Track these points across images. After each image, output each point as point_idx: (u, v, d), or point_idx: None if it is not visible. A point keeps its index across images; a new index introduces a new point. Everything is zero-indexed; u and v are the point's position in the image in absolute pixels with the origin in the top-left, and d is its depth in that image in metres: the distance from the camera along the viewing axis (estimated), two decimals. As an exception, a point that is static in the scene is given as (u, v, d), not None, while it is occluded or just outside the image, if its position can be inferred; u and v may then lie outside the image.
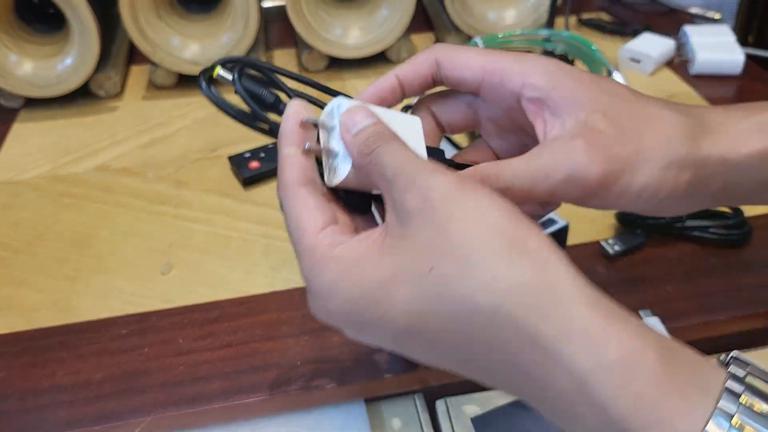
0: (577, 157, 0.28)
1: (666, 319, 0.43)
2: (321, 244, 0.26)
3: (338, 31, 0.71)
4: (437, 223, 0.24)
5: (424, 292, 0.24)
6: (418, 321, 0.24)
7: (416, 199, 0.24)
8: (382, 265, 0.25)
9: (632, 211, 0.31)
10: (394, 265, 0.24)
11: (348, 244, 0.26)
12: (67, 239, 0.52)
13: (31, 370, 0.42)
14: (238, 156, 0.59)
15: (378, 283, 0.24)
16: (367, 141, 0.27)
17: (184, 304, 0.46)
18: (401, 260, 0.24)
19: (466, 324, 0.23)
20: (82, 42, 0.65)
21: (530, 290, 0.22)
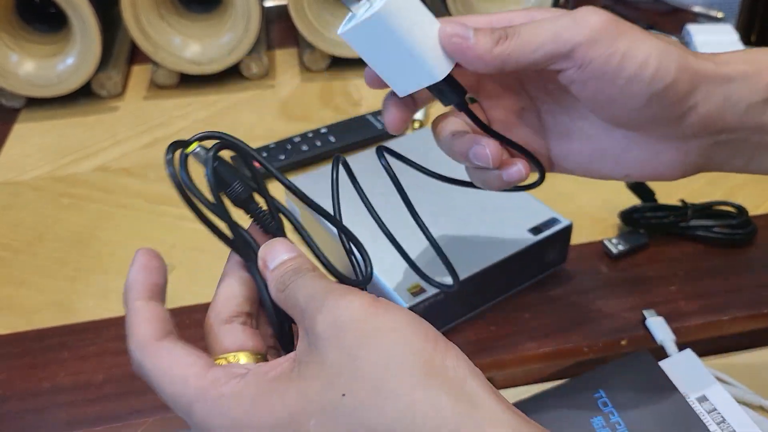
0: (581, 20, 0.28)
1: (670, 318, 0.43)
2: (211, 384, 0.23)
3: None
4: (348, 345, 0.22)
5: (335, 423, 0.21)
6: None
7: (326, 321, 0.23)
8: (289, 396, 0.22)
9: (631, 101, 0.29)
10: (304, 395, 0.22)
11: (247, 378, 0.23)
12: (68, 240, 0.52)
13: (32, 371, 0.42)
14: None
15: (287, 417, 0.22)
16: (282, 277, 0.26)
17: (186, 304, 0.46)
18: (311, 388, 0.22)
19: None
20: (84, 42, 0.65)
21: (450, 416, 0.21)
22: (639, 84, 0.28)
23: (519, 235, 0.43)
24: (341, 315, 0.23)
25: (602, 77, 0.28)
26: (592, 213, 0.52)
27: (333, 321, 0.23)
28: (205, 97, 0.69)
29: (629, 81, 0.28)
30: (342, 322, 0.22)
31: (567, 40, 0.28)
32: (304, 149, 0.59)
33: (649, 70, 0.28)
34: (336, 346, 0.22)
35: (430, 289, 0.40)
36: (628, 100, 0.29)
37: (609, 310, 0.44)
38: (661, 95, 0.29)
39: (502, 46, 0.28)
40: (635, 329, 0.43)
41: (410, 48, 0.28)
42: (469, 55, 0.29)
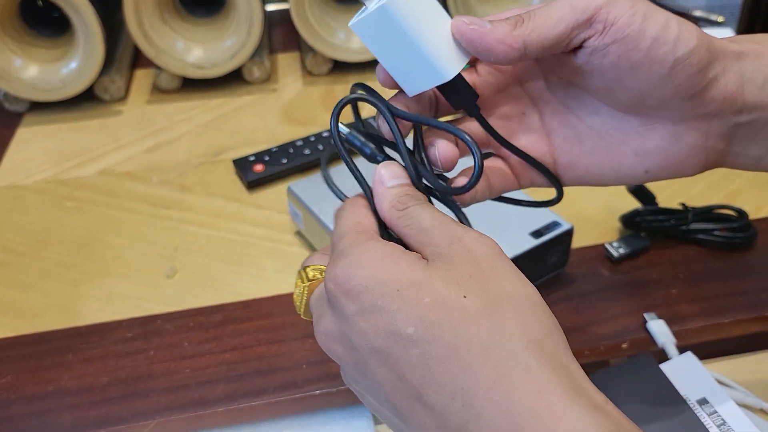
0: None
1: (671, 321, 0.43)
2: (372, 231, 0.27)
3: (342, 34, 0.71)
4: (481, 272, 0.24)
5: (447, 310, 0.23)
6: (421, 335, 0.23)
7: (461, 250, 0.25)
8: (419, 269, 0.24)
9: (656, 68, 0.28)
10: (430, 278, 0.24)
11: (394, 243, 0.26)
12: (72, 243, 0.53)
13: (37, 373, 0.42)
14: (242, 159, 0.59)
15: (409, 280, 0.24)
16: (401, 197, 0.27)
17: (189, 307, 0.46)
18: (439, 276, 0.24)
19: (462, 355, 0.23)
20: (87, 46, 0.65)
21: (545, 383, 0.22)
22: (664, 46, 0.28)
23: (520, 238, 0.44)
24: (478, 251, 0.25)
25: (626, 39, 0.28)
26: (593, 216, 0.52)
27: (470, 251, 0.25)
28: (207, 101, 0.70)
29: (654, 42, 0.27)
30: (479, 261, 0.25)
31: (586, 6, 0.28)
32: (306, 153, 0.59)
33: (672, 32, 0.28)
34: (469, 261, 0.24)
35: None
36: (652, 67, 0.28)
37: (610, 313, 0.44)
38: (685, 62, 0.28)
39: (521, 27, 0.28)
40: (636, 332, 0.43)
41: (419, 43, 0.27)
42: (489, 41, 0.28)
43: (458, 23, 0.28)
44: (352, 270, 0.25)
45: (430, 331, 0.23)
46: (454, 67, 0.28)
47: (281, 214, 0.54)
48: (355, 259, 0.25)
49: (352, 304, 0.25)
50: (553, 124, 0.33)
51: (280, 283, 0.48)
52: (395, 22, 0.27)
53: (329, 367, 0.42)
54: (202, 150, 0.63)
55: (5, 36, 0.66)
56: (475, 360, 0.22)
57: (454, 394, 0.22)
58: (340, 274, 0.25)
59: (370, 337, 0.24)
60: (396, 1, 0.27)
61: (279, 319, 0.45)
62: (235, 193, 0.57)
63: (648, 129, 0.31)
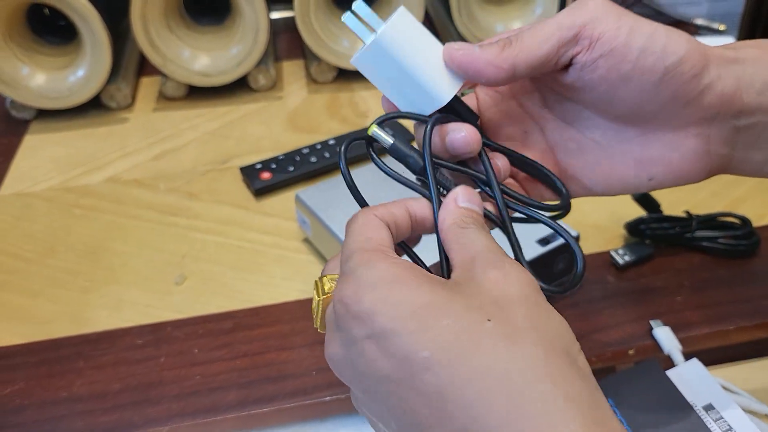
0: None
1: (676, 328, 0.44)
2: (384, 247, 0.26)
3: (346, 42, 0.72)
4: (508, 300, 0.24)
5: (467, 333, 0.23)
6: (437, 359, 0.22)
7: (497, 277, 0.24)
8: (438, 290, 0.24)
9: (646, 78, 0.28)
10: (450, 300, 0.23)
11: (408, 262, 0.26)
12: (80, 251, 0.53)
13: (48, 380, 0.43)
14: (249, 167, 0.59)
15: (427, 301, 0.23)
16: (467, 217, 0.28)
17: (198, 314, 0.47)
18: (462, 299, 0.24)
19: (480, 382, 0.22)
20: (94, 54, 0.66)
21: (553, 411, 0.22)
22: (652, 56, 0.28)
23: (527, 245, 0.44)
24: (514, 283, 0.24)
25: (613, 52, 0.28)
26: (599, 224, 0.53)
27: (504, 281, 0.24)
28: (213, 109, 0.70)
29: (642, 53, 0.28)
30: (512, 291, 0.24)
31: (572, 23, 0.28)
32: (312, 160, 0.60)
33: (659, 42, 0.28)
34: (499, 289, 0.24)
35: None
36: (643, 77, 0.29)
37: (616, 320, 0.45)
38: (676, 70, 0.28)
39: (509, 49, 0.29)
40: (642, 339, 0.44)
41: (413, 72, 0.29)
42: (479, 63, 0.28)
43: (449, 50, 0.29)
44: (361, 291, 0.24)
45: (446, 354, 0.22)
46: (449, 92, 0.30)
47: (289, 221, 0.55)
48: (364, 280, 0.24)
49: (361, 328, 0.24)
50: (556, 139, 0.33)
51: (288, 291, 0.48)
52: (389, 54, 0.29)
53: (339, 374, 0.42)
54: (209, 157, 0.63)
55: (12, 44, 0.67)
56: (492, 388, 0.22)
57: (465, 426, 0.22)
58: (349, 295, 0.24)
59: (379, 364, 0.23)
60: (388, 34, 0.28)
61: (288, 326, 0.46)
62: (242, 200, 0.57)
63: (648, 138, 0.31)
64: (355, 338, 0.24)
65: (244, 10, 0.67)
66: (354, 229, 0.28)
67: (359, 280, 0.25)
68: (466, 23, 0.73)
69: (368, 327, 0.24)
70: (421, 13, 0.69)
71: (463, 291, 0.24)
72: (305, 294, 0.48)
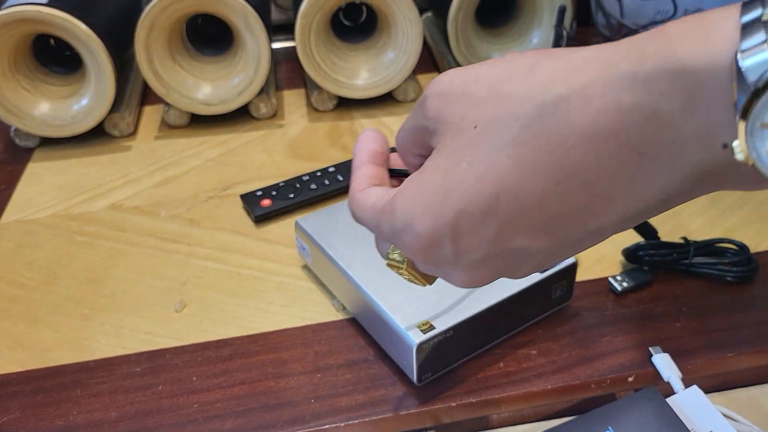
0: None
1: (675, 355, 0.44)
2: (375, 194, 0.28)
3: (347, 72, 0.73)
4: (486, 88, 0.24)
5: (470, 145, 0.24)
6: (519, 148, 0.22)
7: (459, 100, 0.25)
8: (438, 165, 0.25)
9: None
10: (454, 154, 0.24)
11: (405, 183, 0.27)
12: (81, 278, 0.53)
13: (45, 409, 0.43)
14: (250, 194, 0.60)
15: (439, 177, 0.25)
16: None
17: (198, 341, 0.47)
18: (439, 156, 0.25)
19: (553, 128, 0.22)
20: (99, 84, 0.67)
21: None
22: None
23: (525, 272, 0.44)
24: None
25: None
26: (596, 250, 0.53)
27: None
28: (215, 137, 0.71)
29: None
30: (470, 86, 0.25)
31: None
32: (312, 188, 0.60)
33: None
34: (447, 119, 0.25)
35: (440, 325, 0.41)
36: None
37: (615, 346, 0.45)
38: None
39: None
40: (642, 366, 0.43)
41: None
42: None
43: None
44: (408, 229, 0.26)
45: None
46: None
47: (289, 248, 0.55)
48: (402, 226, 0.26)
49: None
50: None
51: (287, 318, 0.48)
52: None
53: (337, 402, 0.42)
54: (210, 185, 0.64)
55: (18, 74, 0.68)
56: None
57: None
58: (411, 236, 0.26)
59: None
60: None
61: (287, 353, 0.46)
62: (242, 227, 0.58)
63: None
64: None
65: (246, 41, 0.68)
66: (363, 208, 0.29)
67: (399, 231, 0.26)
68: (464, 53, 0.75)
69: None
70: (419, 42, 0.70)
71: (437, 154, 0.25)
72: (304, 321, 0.48)
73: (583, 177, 0.22)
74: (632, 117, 0.21)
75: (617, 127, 0.21)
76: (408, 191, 0.26)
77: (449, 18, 0.72)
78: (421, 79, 0.80)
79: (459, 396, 0.42)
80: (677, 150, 0.21)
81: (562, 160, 0.22)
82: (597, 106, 0.21)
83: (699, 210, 0.57)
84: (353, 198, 0.30)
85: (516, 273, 0.26)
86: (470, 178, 0.23)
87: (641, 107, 0.21)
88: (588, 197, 0.23)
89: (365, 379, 0.43)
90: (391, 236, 0.27)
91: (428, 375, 0.42)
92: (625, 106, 0.21)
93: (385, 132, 0.70)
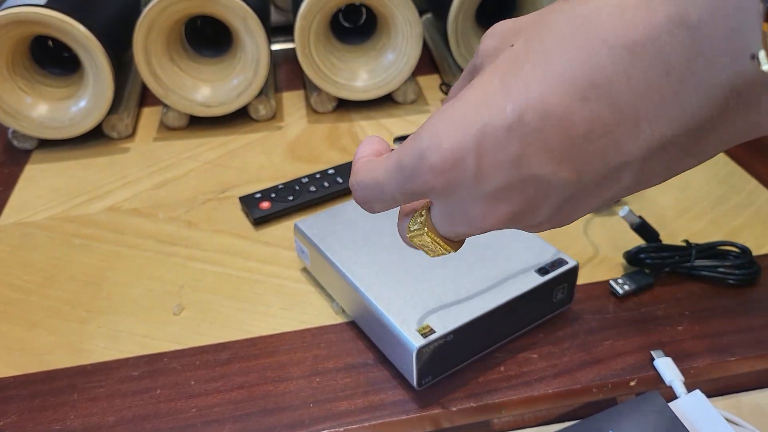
0: None
1: (678, 359, 0.43)
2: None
3: (346, 74, 0.73)
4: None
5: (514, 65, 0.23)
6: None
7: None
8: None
9: None
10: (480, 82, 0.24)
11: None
12: (79, 280, 0.53)
13: (42, 413, 0.42)
14: (248, 196, 0.59)
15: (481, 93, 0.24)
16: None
17: (196, 345, 0.46)
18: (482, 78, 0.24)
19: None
20: (97, 86, 0.67)
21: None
22: None
23: (526, 275, 0.44)
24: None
25: None
26: (598, 253, 0.53)
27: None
28: (214, 139, 0.71)
29: None
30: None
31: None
32: (311, 190, 0.60)
33: None
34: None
35: (440, 329, 0.40)
36: None
37: (617, 350, 0.44)
38: None
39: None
40: (644, 369, 0.43)
41: None
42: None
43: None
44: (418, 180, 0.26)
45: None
46: None
47: (287, 251, 0.55)
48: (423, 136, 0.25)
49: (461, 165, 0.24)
50: None
51: (286, 321, 0.48)
52: None
53: (336, 406, 0.41)
54: (209, 187, 0.63)
55: (16, 75, 0.68)
56: None
57: None
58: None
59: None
60: None
61: (285, 356, 0.45)
62: (241, 230, 0.57)
63: None
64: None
65: (245, 42, 0.68)
66: (374, 170, 0.28)
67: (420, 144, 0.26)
68: (464, 54, 0.74)
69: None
70: (419, 44, 0.70)
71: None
72: (303, 324, 0.48)
73: (610, 94, 0.21)
74: (662, 27, 0.20)
75: (647, 39, 0.20)
76: (433, 116, 0.25)
77: (449, 19, 0.71)
78: (420, 81, 0.80)
79: (459, 400, 0.41)
80: (705, 63, 0.20)
81: (590, 73, 0.21)
82: (629, 17, 0.21)
83: (701, 213, 0.57)
84: (359, 170, 0.29)
85: (534, 215, 0.25)
86: (498, 93, 0.23)
87: (671, 16, 0.20)
88: (614, 118, 0.22)
89: (365, 383, 0.43)
90: (412, 167, 0.25)
91: (428, 379, 0.42)
92: (655, 16, 0.20)
93: (384, 133, 0.70)
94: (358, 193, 0.29)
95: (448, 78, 0.77)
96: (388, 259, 0.46)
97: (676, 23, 0.20)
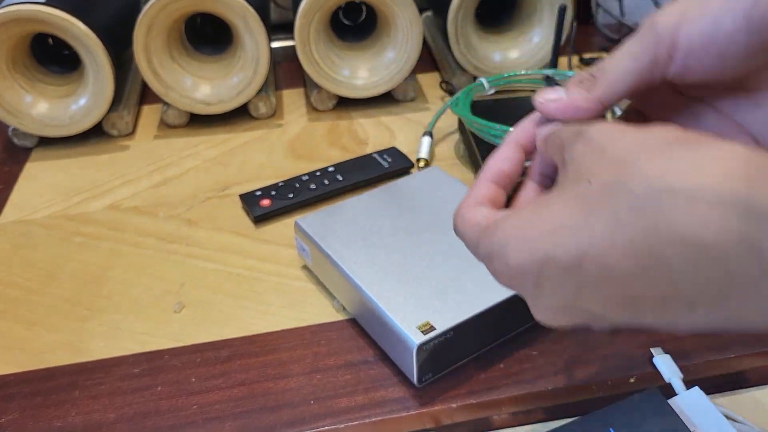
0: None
1: (677, 356, 0.43)
2: (482, 214, 0.29)
3: (346, 72, 0.73)
4: (599, 146, 0.25)
5: (587, 203, 0.24)
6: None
7: (584, 145, 0.26)
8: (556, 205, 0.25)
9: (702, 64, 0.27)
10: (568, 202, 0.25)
11: (514, 210, 0.28)
12: (80, 279, 0.53)
13: (43, 410, 0.42)
14: (249, 194, 0.59)
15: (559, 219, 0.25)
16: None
17: (196, 342, 0.47)
18: (561, 191, 0.25)
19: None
20: (97, 84, 0.67)
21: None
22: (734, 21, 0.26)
23: (526, 273, 0.44)
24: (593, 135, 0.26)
25: (697, 50, 0.27)
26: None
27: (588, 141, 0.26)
28: (214, 137, 0.71)
29: (719, 29, 0.26)
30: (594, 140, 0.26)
31: (644, 50, 0.28)
32: (312, 187, 0.60)
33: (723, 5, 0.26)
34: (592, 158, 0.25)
35: (440, 326, 0.40)
36: (735, 36, 0.26)
37: (616, 347, 0.45)
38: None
39: (594, 91, 0.29)
40: (643, 367, 0.43)
41: None
42: (569, 112, 0.29)
43: (537, 103, 0.30)
44: (503, 255, 0.26)
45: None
46: None
47: (288, 248, 0.55)
48: (496, 244, 0.27)
49: (531, 270, 0.25)
50: (729, 108, 0.31)
51: (286, 318, 0.48)
52: None
53: (337, 403, 0.42)
54: (209, 185, 0.63)
55: (16, 73, 0.68)
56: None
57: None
58: (499, 268, 0.27)
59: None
60: None
61: (286, 354, 0.45)
62: (241, 228, 0.58)
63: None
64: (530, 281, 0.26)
65: (245, 40, 0.68)
66: (467, 224, 0.30)
67: (492, 252, 0.27)
68: (464, 53, 0.74)
69: (531, 270, 0.26)
70: (419, 42, 0.70)
71: (561, 187, 0.26)
72: (303, 322, 0.48)
73: (671, 274, 0.22)
74: (733, 242, 0.20)
75: (715, 244, 0.21)
76: (513, 219, 0.27)
77: (449, 17, 0.71)
78: (420, 79, 0.80)
79: (460, 397, 0.42)
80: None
81: (655, 250, 0.22)
82: (701, 215, 0.21)
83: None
84: (460, 213, 0.30)
85: (594, 327, 0.27)
86: (566, 229, 0.24)
87: (744, 238, 0.20)
88: (671, 293, 0.22)
89: (365, 381, 0.43)
90: (485, 258, 0.28)
91: (429, 376, 0.42)
92: (728, 229, 0.20)
93: (383, 131, 0.70)
94: (456, 232, 0.31)
95: (448, 76, 0.77)
96: (388, 256, 0.46)
97: (747, 247, 0.20)
